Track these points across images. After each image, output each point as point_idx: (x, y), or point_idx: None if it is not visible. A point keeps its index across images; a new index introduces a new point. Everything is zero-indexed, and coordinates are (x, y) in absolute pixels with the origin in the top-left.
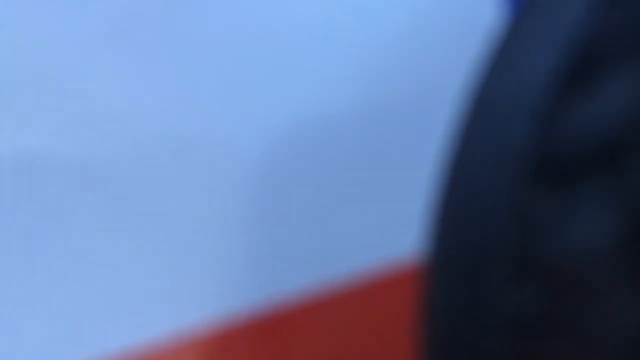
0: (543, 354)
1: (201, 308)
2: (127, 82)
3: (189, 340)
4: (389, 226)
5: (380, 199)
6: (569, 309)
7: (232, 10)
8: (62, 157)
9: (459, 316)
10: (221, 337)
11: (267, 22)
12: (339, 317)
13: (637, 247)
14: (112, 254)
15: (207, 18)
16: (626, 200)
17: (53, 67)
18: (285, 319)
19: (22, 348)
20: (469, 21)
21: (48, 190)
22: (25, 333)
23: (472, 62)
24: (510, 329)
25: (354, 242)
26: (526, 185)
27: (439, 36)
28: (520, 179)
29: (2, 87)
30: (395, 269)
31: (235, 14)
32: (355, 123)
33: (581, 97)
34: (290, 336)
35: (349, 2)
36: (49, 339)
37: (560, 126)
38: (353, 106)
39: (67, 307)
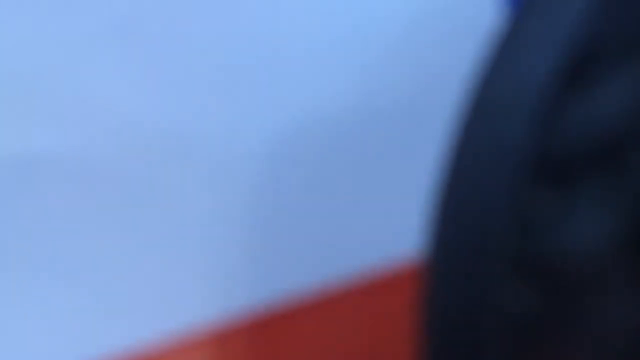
0: (543, 353)
1: (201, 308)
2: (128, 83)
3: (188, 340)
4: (389, 226)
5: (381, 199)
6: (569, 309)
7: (232, 11)
8: (62, 157)
9: (458, 316)
10: (221, 337)
11: (267, 22)
12: (339, 317)
13: (636, 247)
14: (112, 254)
15: (207, 18)
16: (626, 200)
17: (53, 68)
18: (285, 319)
19: (22, 348)
20: (469, 21)
21: (48, 190)
22: (25, 333)
23: (472, 62)
24: (510, 328)
25: (354, 242)
26: (526, 185)
27: (439, 36)
28: (520, 179)
29: (2, 87)
30: (395, 269)
31: (236, 14)
32: (355, 123)
33: (581, 97)
34: (290, 336)
35: (350, 3)
36: (49, 339)
37: (560, 126)
38: (353, 106)
39: (67, 307)
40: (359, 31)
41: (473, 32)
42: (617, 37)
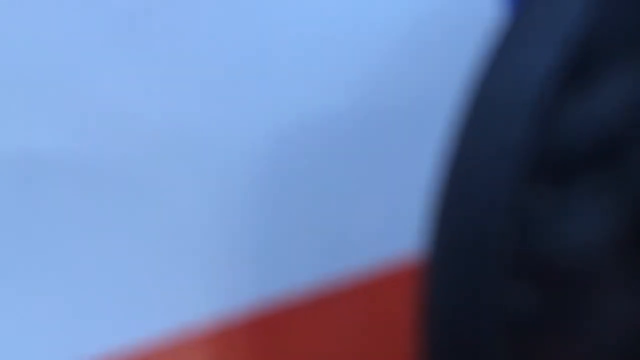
0: (542, 352)
1: (201, 307)
2: (129, 83)
3: (188, 339)
4: (389, 225)
5: (380, 199)
6: (568, 308)
7: (234, 11)
8: (63, 157)
9: (458, 315)
10: (221, 336)
11: (268, 21)
12: (339, 317)
13: (636, 246)
14: (112, 254)
15: (210, 19)
16: (625, 199)
17: (54, 67)
18: (285, 319)
19: (22, 348)
20: (469, 21)
21: (48, 190)
22: (24, 333)
23: (472, 62)
24: (509, 327)
25: (354, 241)
26: (525, 184)
27: (439, 36)
28: (519, 178)
29: (4, 87)
30: (395, 268)
31: (238, 14)
32: (355, 123)
33: (580, 96)
34: (290, 336)
35: (350, 3)
36: (49, 338)
37: (559, 125)
38: (353, 106)
39: (67, 307)
40: (359, 31)
41: (473, 31)
42: (616, 36)
